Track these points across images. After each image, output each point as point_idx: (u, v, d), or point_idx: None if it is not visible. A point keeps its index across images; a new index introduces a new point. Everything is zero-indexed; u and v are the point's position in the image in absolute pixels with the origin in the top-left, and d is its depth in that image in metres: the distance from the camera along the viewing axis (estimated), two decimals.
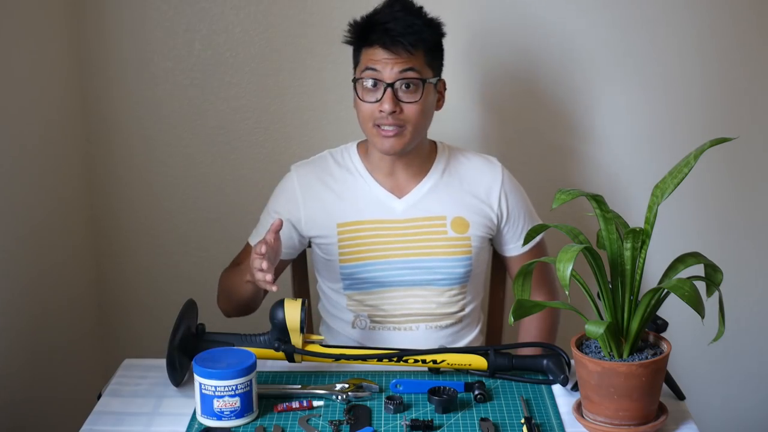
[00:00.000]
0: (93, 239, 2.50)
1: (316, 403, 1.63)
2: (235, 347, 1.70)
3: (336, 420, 1.57)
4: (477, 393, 1.65)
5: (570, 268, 1.40)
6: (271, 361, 1.76)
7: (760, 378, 2.61)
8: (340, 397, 1.65)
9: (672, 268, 1.56)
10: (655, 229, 1.51)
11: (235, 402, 1.56)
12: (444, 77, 1.98)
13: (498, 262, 2.17)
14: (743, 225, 2.52)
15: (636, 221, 1.58)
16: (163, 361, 1.68)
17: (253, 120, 2.44)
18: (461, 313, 2.02)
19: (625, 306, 1.52)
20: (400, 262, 1.97)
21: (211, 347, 1.68)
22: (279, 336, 1.72)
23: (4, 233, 1.99)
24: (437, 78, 1.95)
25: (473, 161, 2.04)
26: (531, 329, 2.08)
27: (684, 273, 1.54)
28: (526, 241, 1.68)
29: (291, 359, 1.73)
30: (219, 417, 1.56)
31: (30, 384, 2.11)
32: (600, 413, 1.53)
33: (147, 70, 2.40)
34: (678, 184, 1.47)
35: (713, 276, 1.54)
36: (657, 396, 1.54)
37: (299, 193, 2.01)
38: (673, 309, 1.80)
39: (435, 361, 1.74)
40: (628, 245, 1.50)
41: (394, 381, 1.69)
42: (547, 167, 2.46)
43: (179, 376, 1.70)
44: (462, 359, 1.74)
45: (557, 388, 1.71)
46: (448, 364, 1.75)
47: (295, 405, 1.62)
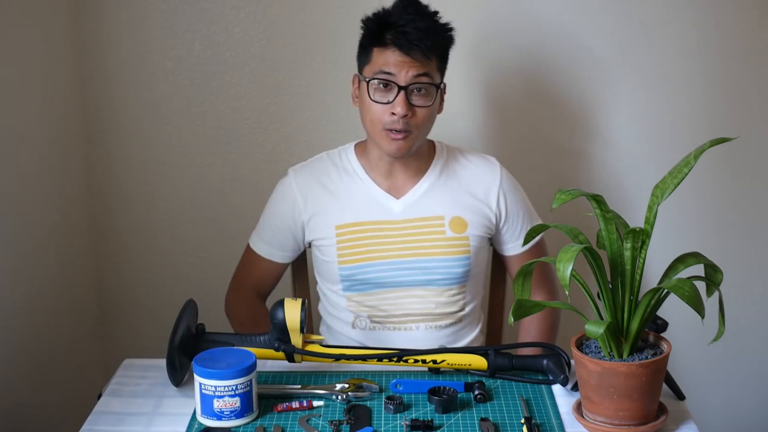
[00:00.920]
0: (93, 239, 2.50)
1: (316, 403, 1.63)
2: (235, 347, 1.70)
3: (336, 420, 1.57)
4: (477, 393, 1.65)
5: (570, 268, 1.40)
6: (271, 361, 1.76)
7: (760, 378, 2.61)
8: (340, 397, 1.65)
9: (672, 268, 1.56)
10: (655, 229, 1.51)
11: (235, 402, 1.56)
12: (445, 78, 1.98)
13: (498, 261, 2.17)
14: (743, 225, 2.52)
15: (636, 221, 1.58)
16: (163, 361, 1.68)
17: (253, 120, 2.44)
18: (461, 313, 2.02)
19: (625, 306, 1.52)
20: (398, 262, 1.96)
21: (211, 347, 1.68)
22: (279, 336, 1.72)
23: (4, 233, 1.99)
24: (443, 82, 1.95)
25: (472, 161, 2.04)
26: (531, 329, 2.08)
27: (684, 273, 1.54)
28: (526, 241, 1.67)
29: (291, 359, 1.73)
30: (219, 417, 1.56)
31: (30, 384, 2.11)
32: (600, 413, 1.53)
33: (146, 70, 2.40)
34: (678, 184, 1.47)
35: (713, 276, 1.54)
36: (657, 396, 1.54)
37: (299, 197, 2.00)
38: (673, 309, 1.80)
39: (435, 361, 1.74)
40: (628, 245, 1.50)
41: (394, 381, 1.69)
42: (548, 167, 2.46)
43: (179, 376, 1.70)
44: (462, 359, 1.74)
45: (557, 388, 1.71)
46: (448, 364, 1.74)
47: (295, 405, 1.62)
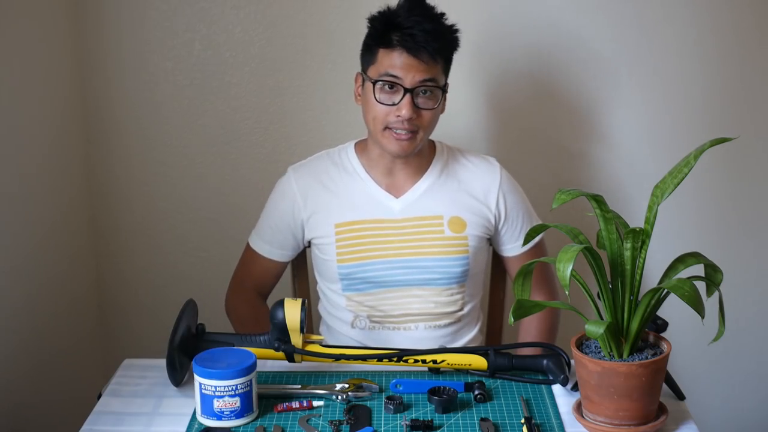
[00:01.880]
0: (93, 239, 2.50)
1: (316, 403, 1.63)
2: (235, 347, 1.70)
3: (336, 420, 1.57)
4: (477, 393, 1.65)
5: (570, 268, 1.40)
6: (271, 361, 1.76)
7: (760, 378, 2.61)
8: (340, 397, 1.65)
9: (672, 268, 1.56)
10: (655, 229, 1.51)
11: (235, 402, 1.56)
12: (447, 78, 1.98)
13: (498, 262, 2.17)
14: (743, 225, 2.52)
15: (636, 221, 1.58)
16: (163, 361, 1.68)
17: (253, 120, 2.44)
18: (460, 313, 2.02)
19: (625, 306, 1.52)
20: (397, 261, 1.96)
21: (211, 347, 1.68)
22: (279, 336, 1.72)
23: (4, 233, 1.99)
24: (447, 83, 1.95)
25: (472, 161, 2.04)
26: (531, 329, 2.08)
27: (684, 273, 1.54)
28: (525, 242, 1.67)
29: (291, 359, 1.73)
30: (219, 417, 1.56)
31: (30, 384, 2.11)
32: (600, 413, 1.52)
33: (146, 70, 2.40)
34: (678, 184, 1.47)
35: (713, 276, 1.54)
36: (657, 396, 1.54)
37: (299, 196, 2.00)
38: (673, 309, 1.80)
39: (435, 361, 1.74)
40: (628, 245, 1.50)
41: (394, 381, 1.68)
42: (548, 167, 2.46)
43: (179, 376, 1.70)
44: (462, 359, 1.74)
45: (557, 388, 1.71)
46: (448, 364, 1.74)
47: (295, 405, 1.62)
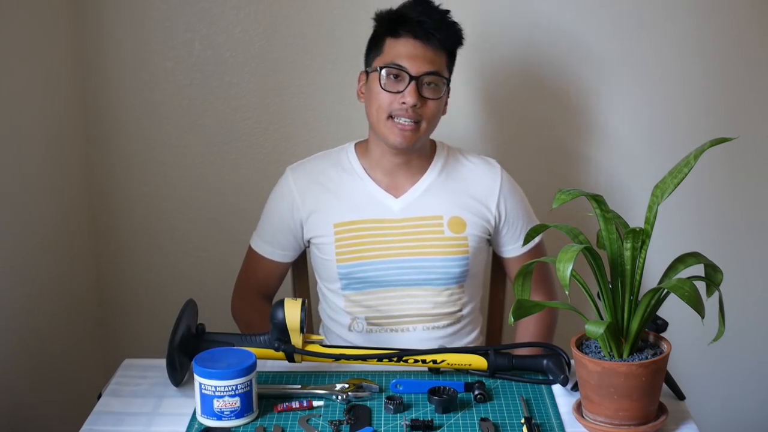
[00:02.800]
0: (93, 239, 2.50)
1: (316, 403, 1.63)
2: (235, 347, 1.70)
3: (336, 420, 1.57)
4: (477, 393, 1.65)
5: (570, 268, 1.40)
6: (271, 361, 1.76)
7: (760, 378, 2.61)
8: (340, 397, 1.65)
9: (672, 268, 1.56)
10: (655, 229, 1.51)
11: (235, 402, 1.56)
12: None
13: (497, 262, 2.17)
14: (743, 225, 2.52)
15: (636, 221, 1.58)
16: (163, 361, 1.68)
17: (253, 120, 2.44)
18: (459, 313, 2.01)
19: (625, 306, 1.52)
20: (396, 261, 1.96)
21: (211, 347, 1.68)
22: (279, 336, 1.72)
23: (4, 233, 1.99)
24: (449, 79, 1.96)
25: (472, 162, 2.04)
26: (529, 328, 2.08)
27: (684, 273, 1.54)
28: (525, 242, 1.67)
29: (291, 359, 1.73)
30: (219, 417, 1.56)
31: (30, 384, 2.11)
32: (600, 413, 1.52)
33: (146, 70, 2.40)
34: (678, 184, 1.47)
35: (713, 276, 1.54)
36: (657, 396, 1.54)
37: (297, 195, 2.00)
38: (673, 309, 1.80)
39: (435, 361, 1.74)
40: (628, 245, 1.50)
41: (394, 381, 1.68)
42: (548, 167, 2.46)
43: (179, 376, 1.69)
44: (462, 359, 1.74)
45: (557, 388, 1.71)
46: (448, 364, 1.74)
47: (295, 405, 1.62)
